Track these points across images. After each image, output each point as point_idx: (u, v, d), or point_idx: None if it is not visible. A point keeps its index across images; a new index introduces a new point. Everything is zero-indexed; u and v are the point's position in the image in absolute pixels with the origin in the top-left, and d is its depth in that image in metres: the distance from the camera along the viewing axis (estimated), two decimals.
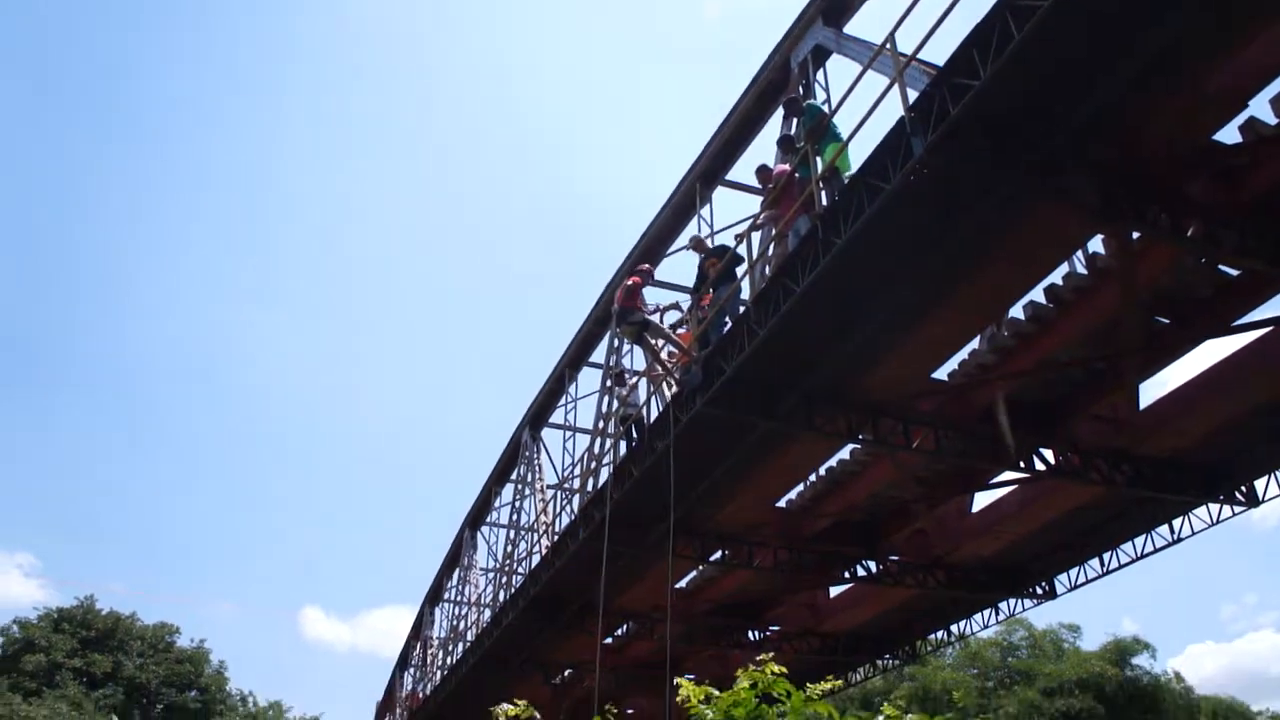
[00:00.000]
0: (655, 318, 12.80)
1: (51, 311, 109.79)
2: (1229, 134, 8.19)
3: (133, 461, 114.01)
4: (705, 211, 14.12)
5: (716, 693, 5.39)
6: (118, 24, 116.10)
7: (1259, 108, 7.97)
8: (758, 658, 5.23)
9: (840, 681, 20.97)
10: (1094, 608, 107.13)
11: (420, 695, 28.54)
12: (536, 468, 21.35)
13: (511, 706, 5.34)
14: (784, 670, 5.14)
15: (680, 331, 13.01)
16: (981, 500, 14.49)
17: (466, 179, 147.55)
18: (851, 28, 11.58)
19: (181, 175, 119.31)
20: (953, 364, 11.16)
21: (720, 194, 14.47)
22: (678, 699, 5.58)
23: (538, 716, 5.35)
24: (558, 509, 19.43)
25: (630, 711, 22.20)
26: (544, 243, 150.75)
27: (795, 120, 11.44)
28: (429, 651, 31.34)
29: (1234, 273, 9.81)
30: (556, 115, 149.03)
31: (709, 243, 13.09)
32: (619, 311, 12.61)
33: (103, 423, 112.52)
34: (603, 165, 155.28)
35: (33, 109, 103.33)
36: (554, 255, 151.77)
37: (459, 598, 27.75)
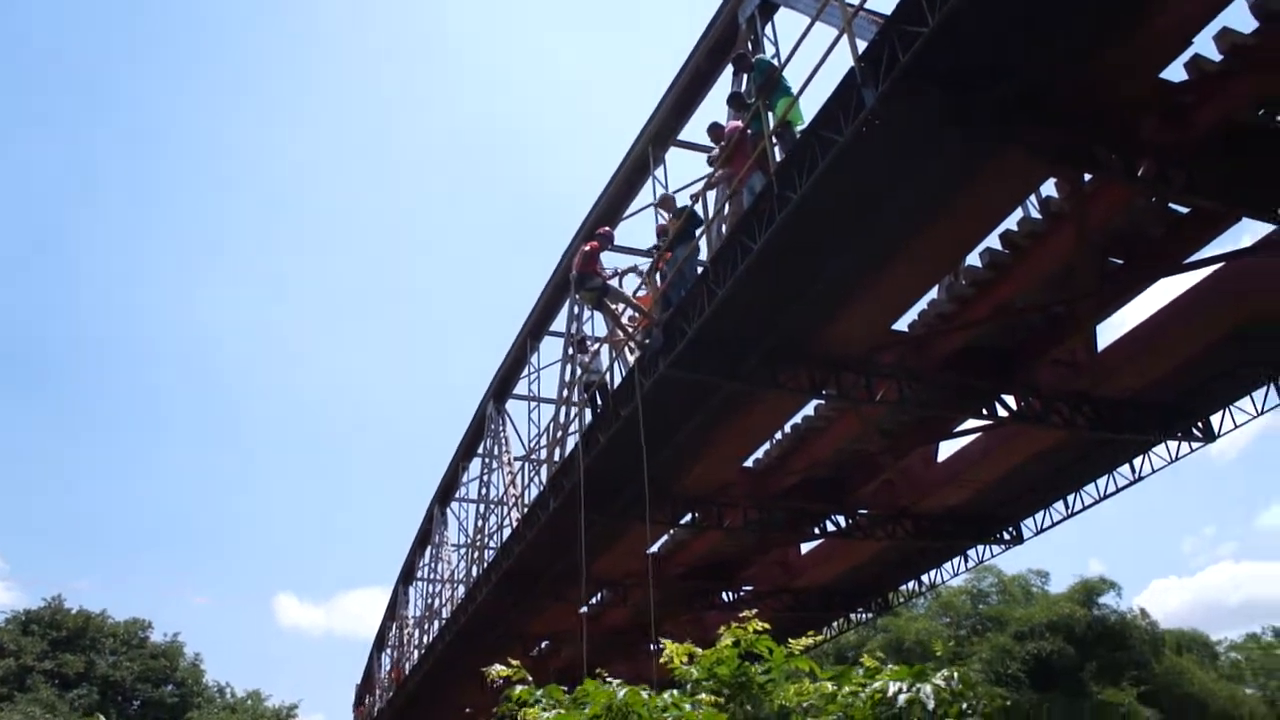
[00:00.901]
0: (614, 282, 12.73)
1: (8, 305, 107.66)
2: (1175, 72, 8.23)
3: (95, 456, 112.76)
4: (660, 173, 14.01)
5: (700, 651, 5.41)
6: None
7: (1203, 44, 8.00)
8: (740, 615, 5.23)
9: (822, 637, 21.23)
10: (1062, 551, 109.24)
11: (404, 669, 28.50)
12: (503, 440, 21.27)
13: (504, 667, 5.38)
14: (767, 627, 5.15)
15: (640, 295, 12.95)
16: (946, 449, 14.66)
17: (415, 148, 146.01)
18: None
19: (140, 154, 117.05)
20: (912, 315, 11.21)
21: (674, 154, 14.37)
22: (661, 660, 5.59)
23: (529, 677, 5.37)
24: (526, 481, 19.41)
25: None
26: (500, 213, 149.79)
27: (745, 77, 11.35)
28: (405, 631, 31.34)
29: (1184, 211, 9.91)
30: (504, 84, 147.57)
31: (675, 202, 12.99)
32: (577, 278, 12.52)
33: (62, 417, 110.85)
34: (555, 131, 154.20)
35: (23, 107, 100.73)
36: (511, 225, 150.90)
37: (432, 575, 27.71)
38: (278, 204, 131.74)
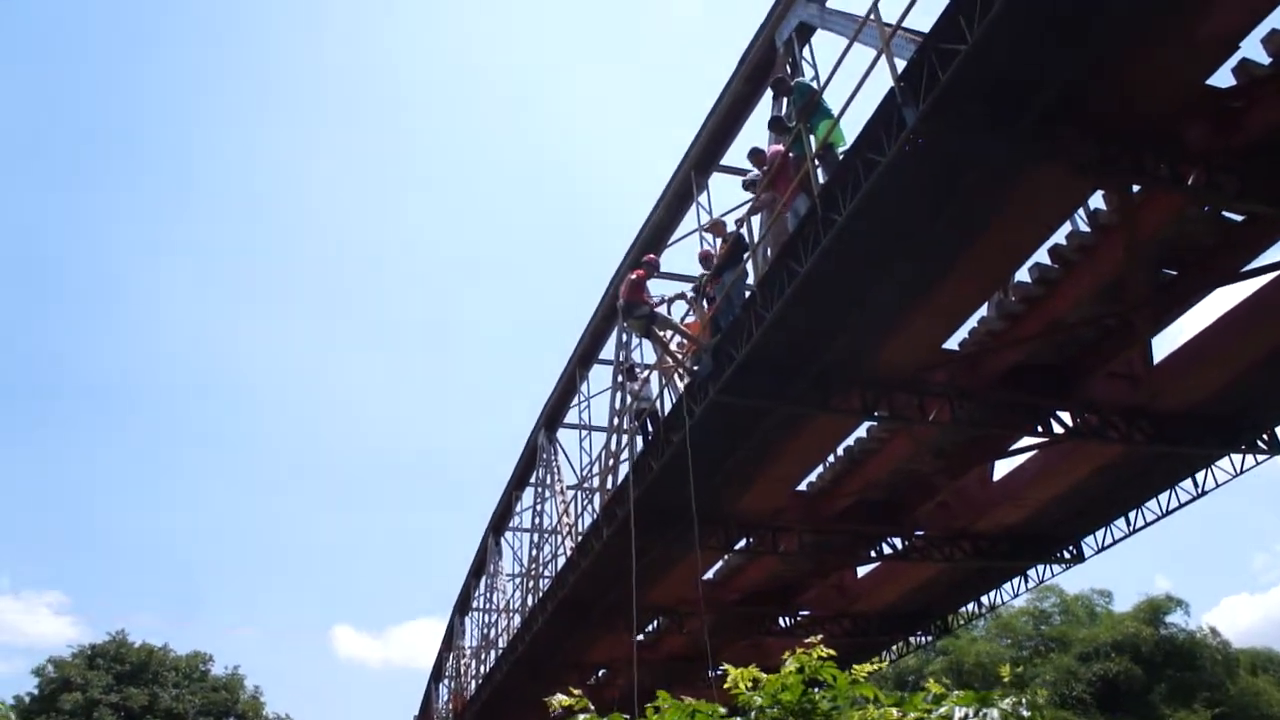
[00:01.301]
0: (662, 309, 12.78)
1: (63, 347, 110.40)
2: (1222, 78, 8.12)
3: (154, 492, 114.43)
4: (703, 199, 14.08)
5: (764, 676, 5.37)
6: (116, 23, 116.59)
7: (1250, 48, 7.90)
8: (804, 640, 5.17)
9: (884, 663, 20.94)
10: (1126, 569, 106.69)
11: (465, 695, 28.15)
12: (555, 469, 21.35)
13: (565, 697, 5.37)
14: (832, 653, 5.08)
15: (689, 321, 12.98)
16: (1002, 468, 14.43)
17: (466, 186, 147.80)
18: (834, 1, 11.53)
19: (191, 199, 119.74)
20: (963, 333, 11.11)
21: (717, 180, 14.44)
22: (725, 685, 5.56)
23: (591, 706, 5.35)
24: (579, 509, 19.45)
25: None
26: (548, 244, 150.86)
27: (785, 100, 11.39)
28: (462, 661, 31.42)
29: (1238, 218, 9.75)
30: (548, 117, 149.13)
31: (726, 226, 13.01)
32: (625, 306, 12.58)
33: (120, 455, 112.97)
34: (601, 162, 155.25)
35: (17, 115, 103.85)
36: (559, 255, 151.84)
37: (488, 605, 27.78)
38: (345, 249, 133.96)
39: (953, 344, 11.11)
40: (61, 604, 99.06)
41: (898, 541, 15.24)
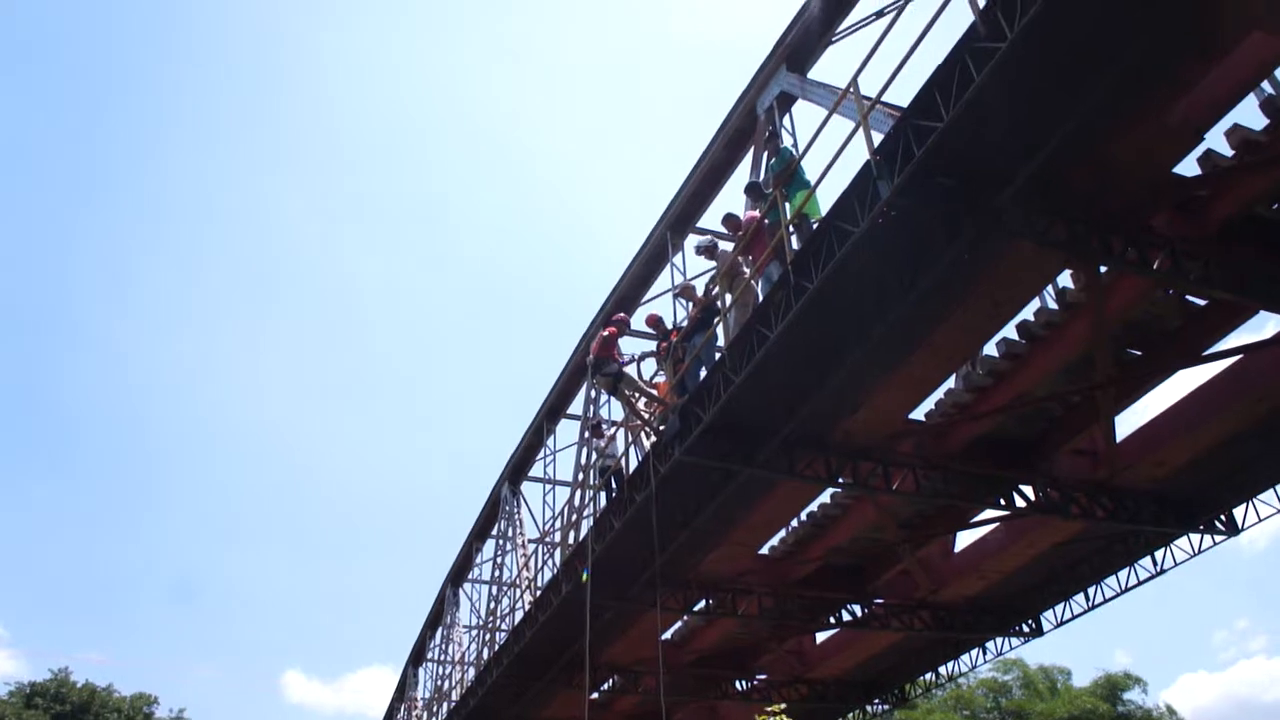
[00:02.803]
0: (631, 368, 12.78)
1: (12, 378, 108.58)
2: (1188, 166, 8.30)
3: (101, 526, 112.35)
4: (678, 259, 14.15)
5: None
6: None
7: (1215, 140, 8.09)
8: (767, 709, 5.06)
9: None
10: (1087, 642, 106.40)
11: None
12: (517, 522, 21.15)
13: None
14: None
15: (657, 381, 12.98)
16: (965, 539, 14.46)
17: (437, 238, 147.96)
18: (815, 73, 11.73)
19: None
20: (929, 403, 11.18)
21: (691, 241, 14.52)
22: None
23: None
24: (539, 563, 19.25)
25: None
26: (519, 297, 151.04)
27: (764, 165, 11.52)
28: (414, 713, 30.81)
29: (1201, 303, 9.91)
30: (529, 173, 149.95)
31: (696, 290, 13.09)
32: (594, 362, 12.58)
33: (68, 487, 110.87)
34: (576, 218, 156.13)
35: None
36: (531, 308, 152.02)
37: (442, 656, 27.32)
38: (316, 290, 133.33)
39: (919, 414, 11.17)
40: (0, 638, 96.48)
41: (858, 608, 15.17)
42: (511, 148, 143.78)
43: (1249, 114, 8.14)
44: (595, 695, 18.52)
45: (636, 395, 12.71)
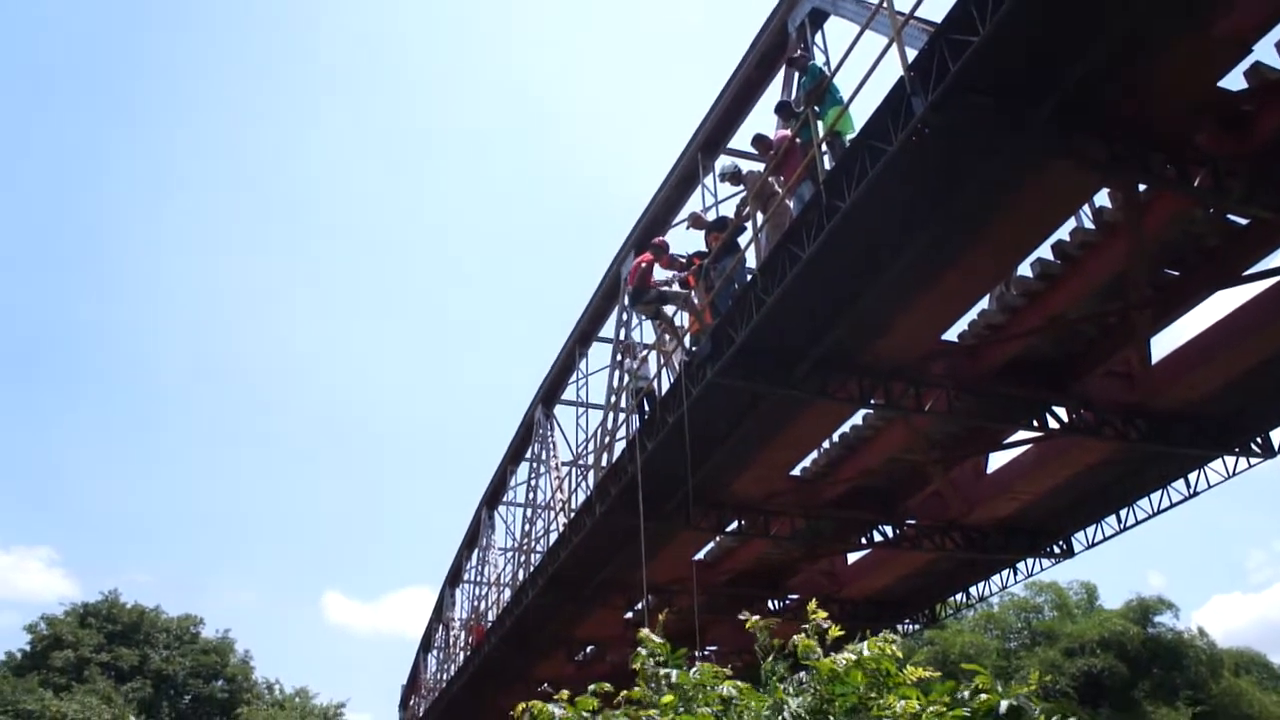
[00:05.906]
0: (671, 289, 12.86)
1: (60, 306, 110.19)
2: (1234, 80, 8.09)
3: (148, 452, 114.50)
4: (709, 180, 14.06)
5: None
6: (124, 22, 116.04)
7: (1264, 52, 7.87)
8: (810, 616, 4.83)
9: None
10: (1121, 563, 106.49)
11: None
12: (551, 445, 21.42)
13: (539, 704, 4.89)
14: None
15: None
16: (997, 461, 14.47)
17: (467, 163, 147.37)
18: None
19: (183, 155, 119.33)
20: (962, 324, 11.12)
21: (722, 162, 14.40)
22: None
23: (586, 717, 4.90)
24: (573, 486, 19.51)
25: None
26: (550, 220, 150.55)
27: (795, 84, 11.37)
28: (451, 633, 31.54)
29: (1243, 222, 9.74)
30: (555, 96, 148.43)
31: (708, 216, 13.04)
32: (633, 292, 12.61)
33: (116, 415, 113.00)
34: (604, 142, 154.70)
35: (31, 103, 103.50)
36: (560, 231, 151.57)
37: (479, 578, 27.88)
38: (339, 221, 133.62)
39: (951, 335, 11.13)
40: (52, 559, 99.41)
41: (889, 529, 15.29)
42: (540, 70, 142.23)
43: None
44: (629, 614, 18.88)
45: (674, 312, 12.75)
